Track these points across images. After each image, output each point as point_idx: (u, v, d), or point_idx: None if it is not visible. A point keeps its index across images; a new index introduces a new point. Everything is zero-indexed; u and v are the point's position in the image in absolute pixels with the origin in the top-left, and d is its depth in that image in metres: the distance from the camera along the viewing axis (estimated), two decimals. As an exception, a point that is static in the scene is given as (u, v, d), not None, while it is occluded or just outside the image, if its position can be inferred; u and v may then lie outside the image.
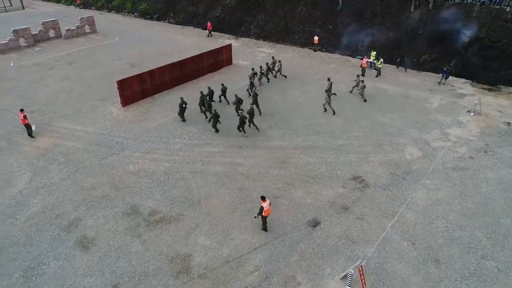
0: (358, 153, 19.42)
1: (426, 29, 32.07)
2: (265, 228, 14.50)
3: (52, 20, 37.82)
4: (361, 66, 29.60)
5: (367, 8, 35.32)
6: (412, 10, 33.42)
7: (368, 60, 30.39)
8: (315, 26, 36.90)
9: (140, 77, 24.54)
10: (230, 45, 31.14)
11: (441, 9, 32.35)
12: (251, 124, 21.28)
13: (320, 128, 21.77)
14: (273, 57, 29.38)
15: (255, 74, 26.25)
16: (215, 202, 16.03)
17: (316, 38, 34.27)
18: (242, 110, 21.66)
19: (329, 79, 24.90)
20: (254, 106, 22.25)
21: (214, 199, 16.21)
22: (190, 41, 37.58)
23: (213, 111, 20.94)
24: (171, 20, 46.07)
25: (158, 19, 46.86)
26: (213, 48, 29.86)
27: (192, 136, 20.99)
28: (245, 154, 19.33)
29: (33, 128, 20.81)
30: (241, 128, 20.72)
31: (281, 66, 28.69)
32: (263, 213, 14.09)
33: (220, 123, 21.23)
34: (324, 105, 23.52)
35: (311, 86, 27.52)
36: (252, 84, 24.87)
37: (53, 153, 19.38)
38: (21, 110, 20.49)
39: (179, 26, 44.05)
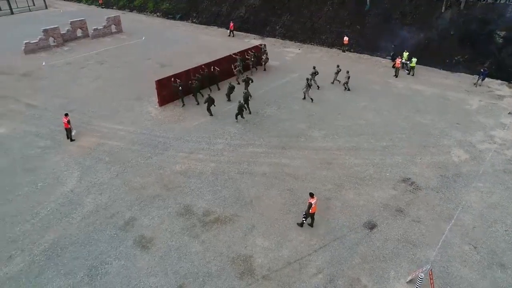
0: (403, 154, 19.24)
1: (458, 30, 31.74)
2: (311, 224, 14.58)
3: (79, 20, 38.05)
4: (393, 66, 29.38)
5: (396, 8, 35.05)
6: (443, 10, 33.11)
7: (402, 61, 30.13)
8: (342, 26, 36.70)
9: (176, 77, 24.51)
10: (263, 46, 31.02)
11: (473, 9, 32.03)
12: (247, 108, 22.89)
13: (361, 129, 21.61)
14: (337, 66, 27.79)
15: (314, 73, 26.30)
16: (267, 203, 15.96)
17: (346, 38, 34.08)
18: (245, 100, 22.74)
19: (314, 68, 26.37)
20: (247, 91, 23.63)
21: (266, 200, 16.14)
22: (216, 41, 37.55)
23: (207, 95, 22.62)
24: (194, 20, 46.13)
25: (181, 18, 46.95)
26: (244, 49, 29.73)
27: (233, 136, 20.95)
28: (290, 155, 19.24)
29: (73, 132, 20.82)
30: (239, 116, 22.26)
31: (348, 78, 26.45)
32: (311, 210, 14.09)
33: (214, 105, 22.92)
34: (304, 92, 24.76)
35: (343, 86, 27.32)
36: (309, 86, 24.52)
37: (97, 152, 19.44)
38: (66, 115, 20.43)
39: (203, 26, 44.07)
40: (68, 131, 20.51)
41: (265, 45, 31.29)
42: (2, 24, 44.79)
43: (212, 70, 26.42)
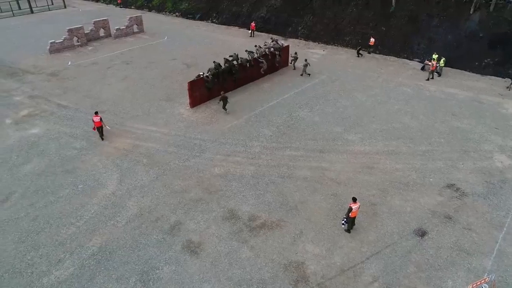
0: (445, 159, 18.89)
1: (487, 32, 31.22)
2: (349, 230, 14.29)
3: (102, 19, 38.06)
4: (422, 68, 29.02)
5: (422, 9, 34.57)
6: (471, 12, 32.58)
7: (430, 63, 29.71)
8: (367, 28, 36.31)
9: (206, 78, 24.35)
10: (287, 47, 30.79)
11: (503, 11, 31.48)
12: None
13: (398, 133, 21.29)
14: (295, 53, 30.29)
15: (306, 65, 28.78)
16: (312, 208, 15.72)
17: (372, 40, 33.70)
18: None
19: (306, 60, 29.02)
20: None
21: (311, 205, 15.90)
22: (239, 42, 37.29)
23: (221, 93, 23.13)
24: (214, 20, 45.98)
25: (201, 18, 46.82)
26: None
27: (269, 139, 20.73)
28: (329, 159, 18.98)
29: (108, 128, 20.78)
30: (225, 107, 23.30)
31: (306, 66, 28.89)
32: (351, 214, 13.89)
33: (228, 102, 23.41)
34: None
35: (375, 89, 27.02)
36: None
37: (134, 154, 19.32)
38: (96, 113, 20.41)
39: (224, 26, 43.90)
40: (100, 130, 20.44)
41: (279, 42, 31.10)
42: (23, 23, 44.95)
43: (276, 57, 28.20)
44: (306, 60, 29.06)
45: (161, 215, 15.30)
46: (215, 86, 24.66)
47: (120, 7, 53.96)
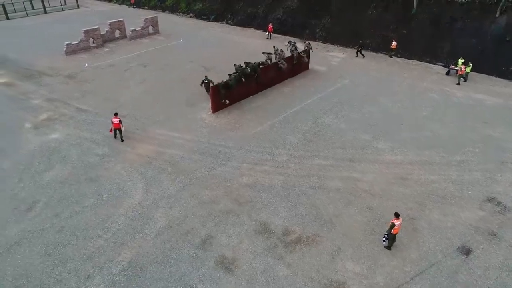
0: (482, 171, 18.12)
1: (514, 36, 30.31)
2: (389, 247, 13.60)
3: (118, 21, 37.61)
4: (457, 73, 28.25)
5: (445, 12, 33.68)
6: (497, 15, 31.65)
7: (455, 68, 28.93)
8: (387, 31, 35.52)
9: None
10: (309, 50, 30.09)
11: (531, 14, 30.54)
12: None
13: (429, 142, 20.53)
14: (274, 46, 29.61)
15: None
16: (348, 222, 15.04)
17: (394, 43, 32.91)
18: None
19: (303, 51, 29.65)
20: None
21: (346, 218, 15.22)
22: (256, 44, 36.61)
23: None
24: (229, 21, 45.39)
25: (215, 19, 46.25)
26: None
27: (295, 147, 20.07)
28: (360, 169, 18.28)
29: (123, 129, 20.35)
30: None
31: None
32: (393, 230, 13.22)
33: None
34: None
35: (401, 94, 26.25)
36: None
37: (158, 162, 18.74)
38: (115, 114, 20.09)
39: (239, 28, 43.29)
40: (118, 132, 20.06)
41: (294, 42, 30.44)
42: (37, 23, 44.67)
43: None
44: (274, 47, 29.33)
45: (191, 228, 14.70)
46: (236, 89, 24.03)
47: (133, 7, 53.56)
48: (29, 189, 16.84)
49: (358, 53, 33.83)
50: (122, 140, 20.39)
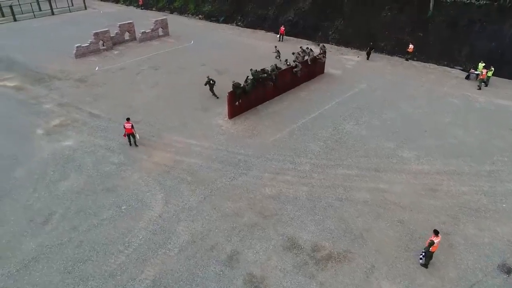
0: (514, 182, 17.41)
1: (535, 39, 29.56)
2: (426, 265, 12.93)
3: (128, 23, 36.99)
4: (477, 78, 27.53)
5: (463, 15, 32.93)
6: (517, 18, 30.90)
7: (475, 72, 28.21)
8: (402, 33, 34.79)
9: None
10: (324, 53, 29.40)
11: (552, 17, 29.79)
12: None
13: (455, 150, 19.82)
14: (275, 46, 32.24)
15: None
16: (379, 237, 14.35)
17: (411, 46, 32.16)
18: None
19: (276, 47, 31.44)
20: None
21: (376, 233, 14.54)
22: (267, 46, 35.83)
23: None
24: (238, 23, 44.72)
25: (225, 21, 45.58)
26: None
27: (317, 155, 19.39)
28: (386, 179, 17.59)
29: (137, 137, 19.77)
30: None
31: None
32: (431, 248, 12.54)
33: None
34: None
35: (420, 99, 25.54)
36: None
37: (176, 171, 18.09)
38: (128, 119, 19.54)
39: (250, 30, 42.61)
40: (132, 136, 19.56)
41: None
42: (45, 25, 44.08)
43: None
44: (276, 47, 32.03)
45: (216, 243, 14.04)
46: (252, 94, 23.38)
47: (141, 8, 52.93)
48: (44, 199, 16.23)
49: (369, 55, 33.23)
50: (136, 145, 19.90)
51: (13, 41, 37.36)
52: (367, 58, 33.26)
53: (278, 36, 38.81)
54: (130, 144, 20.02)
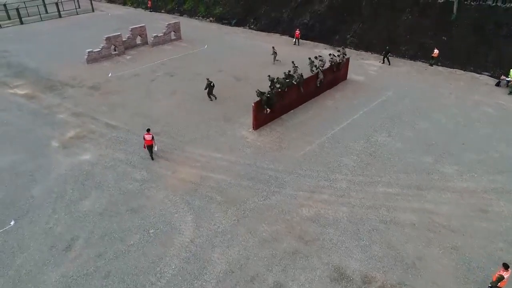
0: None
1: None
2: None
3: (140, 26, 35.82)
4: (507, 84, 26.36)
5: (488, 18, 31.69)
6: (547, 21, 29.68)
7: (507, 78, 26.99)
8: (425, 37, 33.55)
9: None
10: (348, 59, 28.19)
11: None
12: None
13: (499, 165, 18.59)
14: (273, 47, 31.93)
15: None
16: (433, 266, 13.14)
17: (436, 51, 30.90)
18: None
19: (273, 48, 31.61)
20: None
21: (430, 261, 13.32)
22: (284, 51, 34.43)
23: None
24: (252, 26, 43.51)
25: (237, 24, 44.39)
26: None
27: (353, 170, 18.19)
28: (431, 198, 16.37)
29: (155, 148, 18.75)
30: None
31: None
32: (500, 284, 11.30)
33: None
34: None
35: (452, 108, 24.31)
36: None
37: (204, 189, 16.90)
38: (148, 130, 18.43)
39: (264, 33, 41.38)
40: (150, 148, 18.51)
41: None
42: (53, 28, 42.94)
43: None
44: (273, 47, 31.62)
45: (256, 273, 12.84)
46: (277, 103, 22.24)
47: (150, 11, 51.73)
48: (65, 222, 15.06)
49: (385, 58, 32.12)
50: (152, 159, 18.79)
51: (22, 46, 36.21)
52: (383, 62, 32.13)
53: (294, 40, 37.62)
54: (153, 158, 18.85)
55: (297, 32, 37.56)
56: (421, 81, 28.65)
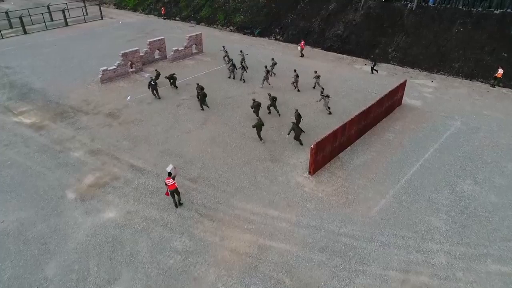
0: None
1: None
2: None
3: (158, 39, 32.05)
4: None
5: (556, 32, 27.98)
6: None
7: None
8: (481, 53, 29.80)
9: (334, 135, 18.18)
10: (404, 83, 24.42)
11: None
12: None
13: None
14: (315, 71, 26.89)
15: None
16: None
17: (500, 71, 27.14)
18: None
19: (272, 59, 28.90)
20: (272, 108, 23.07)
21: None
22: (322, 67, 30.42)
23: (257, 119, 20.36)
24: (277, 37, 39.79)
25: (261, 34, 40.65)
26: (392, 88, 23.14)
27: (446, 235, 14.45)
28: None
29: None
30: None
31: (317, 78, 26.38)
32: None
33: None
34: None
35: (538, 144, 20.53)
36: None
37: (266, 266, 13.16)
38: (169, 174, 14.99)
39: (292, 45, 37.53)
40: (177, 193, 15.48)
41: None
42: (60, 39, 39.11)
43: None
44: (315, 72, 26.63)
45: None
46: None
47: (163, 18, 48.02)
48: (91, 322, 11.29)
49: (372, 69, 29.59)
50: (181, 204, 15.74)
51: (26, 61, 32.48)
52: (372, 73, 29.59)
53: (299, 49, 34.04)
54: (176, 206, 15.31)
55: (302, 43, 34.02)
56: (488, 107, 24.88)
